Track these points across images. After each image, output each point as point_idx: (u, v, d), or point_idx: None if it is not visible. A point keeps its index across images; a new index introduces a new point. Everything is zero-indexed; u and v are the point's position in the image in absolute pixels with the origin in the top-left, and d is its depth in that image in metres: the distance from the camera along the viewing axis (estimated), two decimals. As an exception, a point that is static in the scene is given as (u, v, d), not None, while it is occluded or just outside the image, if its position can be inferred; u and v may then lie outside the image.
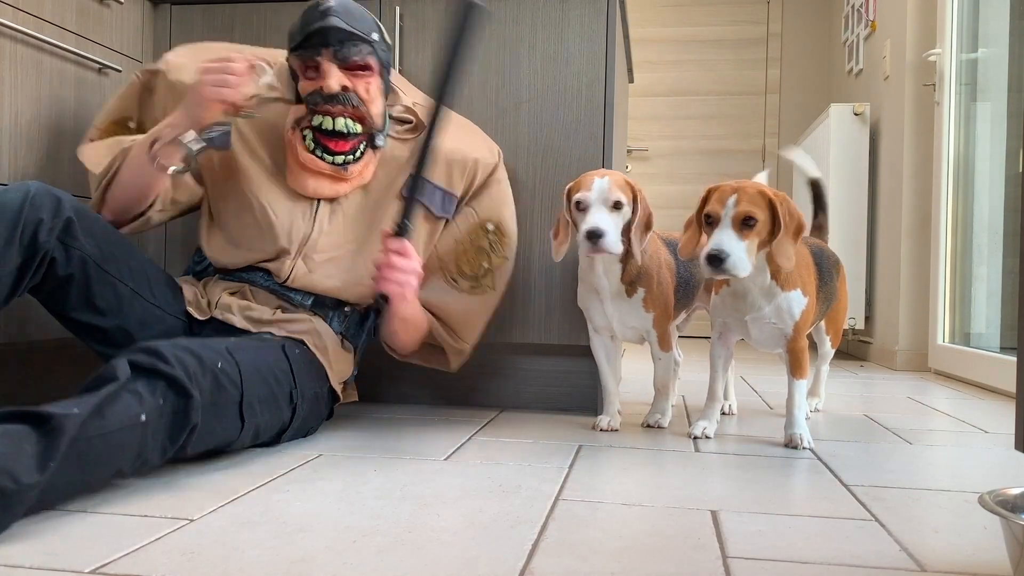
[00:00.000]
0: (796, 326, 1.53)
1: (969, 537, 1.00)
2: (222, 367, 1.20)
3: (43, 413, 0.94)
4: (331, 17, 1.45)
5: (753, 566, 0.87)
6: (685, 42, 4.81)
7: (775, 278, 1.50)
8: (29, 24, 1.56)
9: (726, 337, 1.63)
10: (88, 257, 1.29)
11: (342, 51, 1.46)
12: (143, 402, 1.05)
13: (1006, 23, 2.76)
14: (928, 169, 3.15)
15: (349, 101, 1.47)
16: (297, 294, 1.52)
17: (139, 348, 1.12)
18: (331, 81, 1.45)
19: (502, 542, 0.93)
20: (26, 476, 0.89)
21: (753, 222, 1.40)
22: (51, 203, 1.23)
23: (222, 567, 0.83)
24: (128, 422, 1.02)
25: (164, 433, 1.09)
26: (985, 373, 2.56)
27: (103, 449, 0.99)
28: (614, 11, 1.79)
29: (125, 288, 1.35)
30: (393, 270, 1.38)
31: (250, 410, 1.25)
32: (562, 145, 1.80)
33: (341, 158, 1.48)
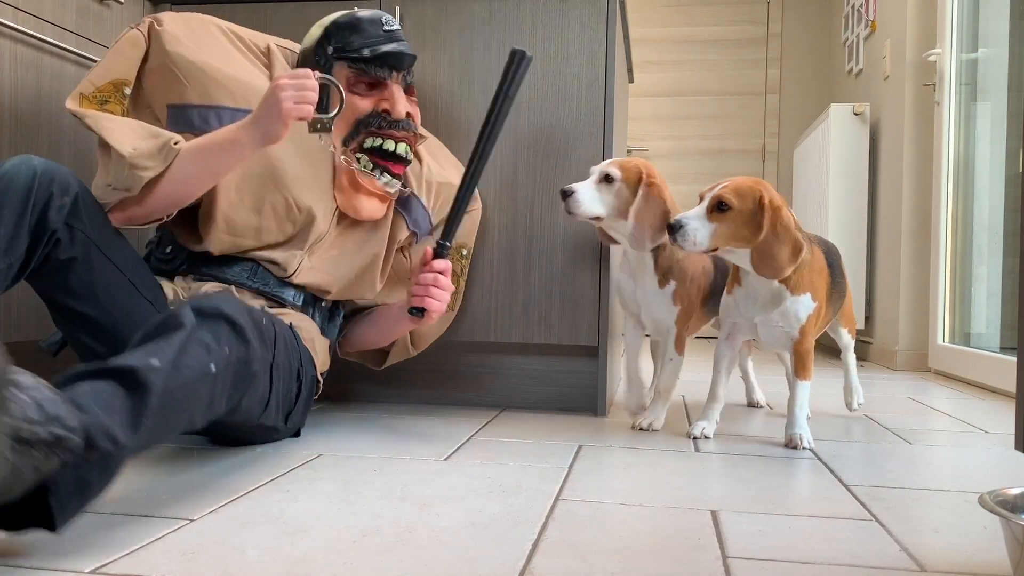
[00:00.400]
0: (802, 329, 1.54)
1: (969, 537, 1.00)
2: (265, 324, 1.19)
3: (126, 368, 0.91)
4: (404, 43, 1.50)
5: (753, 566, 0.87)
6: (685, 42, 4.81)
7: (784, 282, 1.51)
8: (29, 24, 1.56)
9: (733, 338, 1.63)
10: (92, 241, 1.24)
11: (409, 76, 1.51)
12: (211, 352, 1.03)
13: (1006, 23, 2.76)
14: (928, 169, 3.15)
15: (412, 128, 1.51)
16: (290, 292, 1.51)
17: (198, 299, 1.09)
18: (400, 107, 1.48)
19: (502, 542, 0.93)
20: (123, 436, 0.87)
21: (725, 207, 1.43)
22: (60, 180, 1.19)
23: (222, 567, 0.83)
24: (201, 372, 1.00)
25: (230, 382, 1.07)
26: (985, 373, 2.56)
27: (182, 401, 0.97)
28: (614, 11, 1.79)
29: (123, 279, 1.30)
30: (439, 289, 1.44)
31: (277, 372, 1.24)
32: (562, 145, 1.80)
33: (396, 181, 1.51)
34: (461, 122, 1.83)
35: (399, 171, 1.51)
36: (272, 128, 1.28)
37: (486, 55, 1.82)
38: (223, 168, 1.33)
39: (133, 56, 1.45)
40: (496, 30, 1.82)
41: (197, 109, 1.44)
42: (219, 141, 1.31)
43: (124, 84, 1.47)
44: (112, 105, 1.44)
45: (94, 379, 0.90)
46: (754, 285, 1.53)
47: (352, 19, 1.48)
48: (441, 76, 1.84)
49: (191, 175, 1.32)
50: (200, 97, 1.44)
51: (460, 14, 1.83)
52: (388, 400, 1.93)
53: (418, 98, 1.73)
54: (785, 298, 1.52)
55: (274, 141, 1.30)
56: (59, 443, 0.78)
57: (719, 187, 1.45)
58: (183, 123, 1.44)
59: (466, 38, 1.83)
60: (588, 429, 1.66)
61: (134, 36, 1.44)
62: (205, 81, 1.43)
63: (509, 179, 1.81)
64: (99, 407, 0.86)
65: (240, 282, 1.47)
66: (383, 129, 1.48)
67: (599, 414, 1.82)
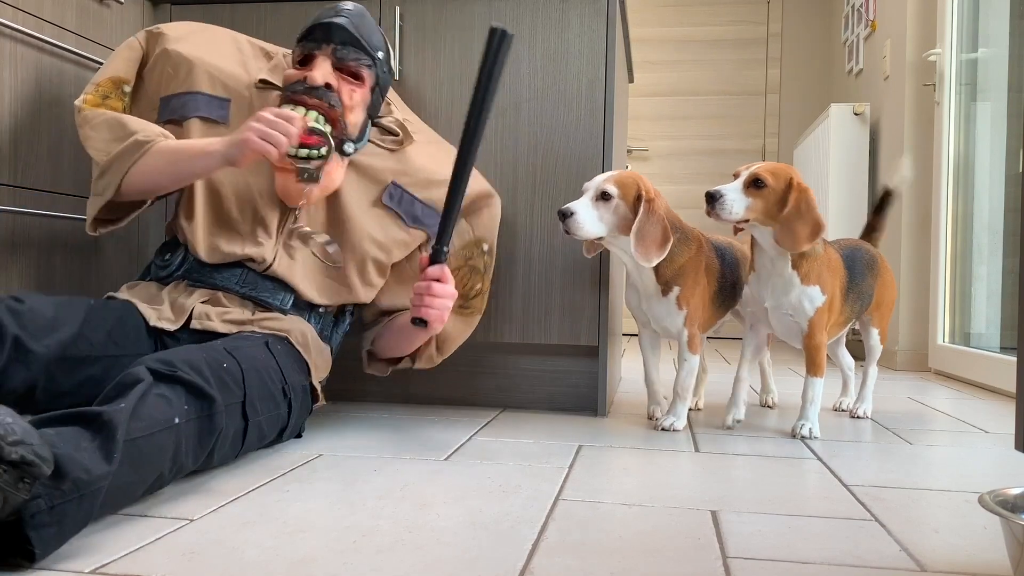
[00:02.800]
0: (811, 323, 1.62)
1: (969, 537, 1.00)
2: (227, 367, 1.19)
3: (90, 412, 0.91)
4: (342, 17, 1.46)
5: (753, 566, 0.87)
6: (685, 42, 4.81)
7: (796, 269, 1.60)
8: (29, 24, 1.56)
9: (757, 328, 1.74)
10: (51, 358, 1.21)
11: (340, 51, 1.46)
12: (172, 405, 1.03)
13: (1006, 23, 2.76)
14: (928, 169, 3.15)
15: (327, 98, 1.45)
16: (277, 294, 1.48)
17: (152, 358, 1.09)
18: (316, 73, 1.44)
19: (502, 542, 0.93)
20: (96, 468, 0.87)
21: (761, 184, 1.55)
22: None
23: (222, 567, 0.83)
24: (163, 424, 1.00)
25: (195, 438, 1.07)
26: (985, 373, 2.56)
27: (147, 451, 0.96)
28: (614, 11, 1.79)
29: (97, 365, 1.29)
30: (433, 297, 1.39)
31: (252, 408, 1.23)
32: (562, 145, 1.80)
33: (305, 152, 1.41)
34: (461, 122, 1.82)
35: (308, 141, 1.40)
36: (232, 152, 1.33)
37: (486, 55, 1.82)
38: (189, 173, 1.38)
39: (129, 57, 1.55)
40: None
41: (178, 96, 1.51)
42: (193, 148, 1.38)
43: (123, 82, 1.55)
44: (113, 101, 1.52)
45: (58, 424, 0.90)
46: (767, 269, 1.62)
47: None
48: (441, 76, 1.84)
49: (159, 171, 1.39)
50: (182, 85, 1.52)
51: (460, 14, 1.83)
52: (388, 400, 1.93)
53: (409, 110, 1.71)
54: (795, 286, 1.61)
55: (234, 164, 1.34)
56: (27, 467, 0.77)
57: (755, 166, 1.57)
58: (167, 111, 1.52)
59: (466, 38, 1.83)
60: (588, 429, 1.66)
61: (130, 41, 1.56)
62: (190, 70, 1.52)
63: (509, 179, 1.81)
64: (68, 444, 0.86)
65: (229, 287, 1.47)
66: (296, 94, 1.44)
67: (599, 414, 1.82)
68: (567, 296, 1.80)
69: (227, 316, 1.43)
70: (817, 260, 1.61)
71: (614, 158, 1.81)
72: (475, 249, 1.64)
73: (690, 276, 1.66)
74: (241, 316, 1.43)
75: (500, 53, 1.30)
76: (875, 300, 1.85)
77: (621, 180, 1.60)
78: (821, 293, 1.61)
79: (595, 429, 1.66)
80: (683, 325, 1.68)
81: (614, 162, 1.81)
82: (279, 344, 1.40)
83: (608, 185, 1.59)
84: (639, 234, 1.58)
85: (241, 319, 1.43)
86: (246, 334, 1.39)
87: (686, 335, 1.68)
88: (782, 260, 1.60)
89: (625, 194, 1.59)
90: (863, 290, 1.76)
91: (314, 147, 1.42)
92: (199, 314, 1.41)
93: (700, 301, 1.69)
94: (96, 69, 1.75)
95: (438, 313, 1.40)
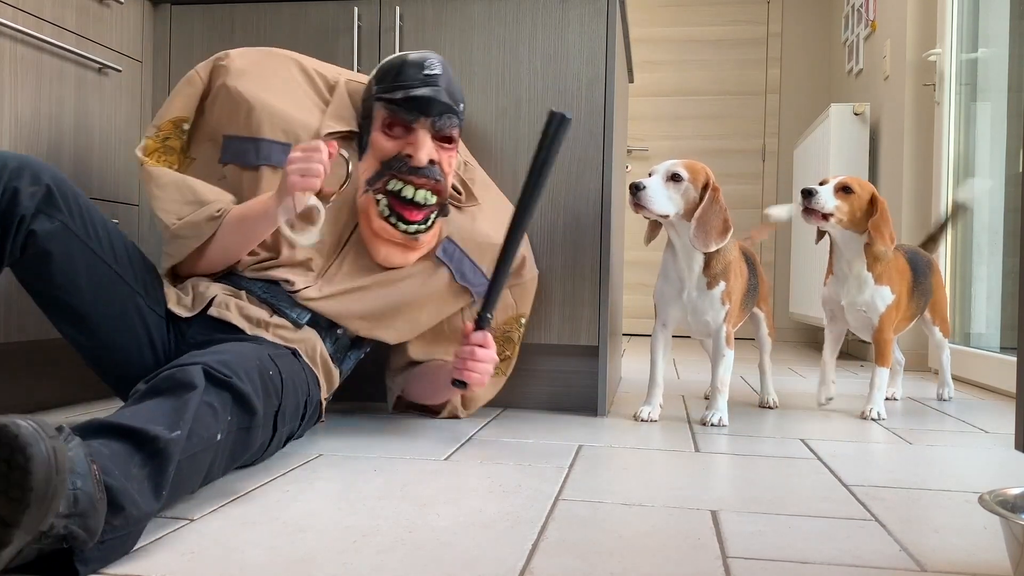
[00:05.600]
0: (881, 318, 1.89)
1: (969, 537, 1.00)
2: (272, 375, 1.17)
3: (145, 433, 0.88)
4: (439, 88, 1.47)
5: (753, 566, 0.87)
6: (685, 42, 4.81)
7: (870, 270, 1.87)
8: (29, 24, 1.56)
9: (835, 322, 2.00)
10: (72, 230, 1.23)
11: (439, 123, 1.48)
12: (218, 418, 1.00)
13: (1006, 23, 2.76)
14: (928, 169, 3.15)
15: (433, 175, 1.48)
16: (295, 308, 1.47)
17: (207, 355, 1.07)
18: (422, 154, 1.46)
19: (502, 542, 0.93)
20: (146, 504, 0.85)
21: (850, 191, 1.84)
22: (31, 170, 1.19)
23: (222, 567, 0.83)
24: (207, 443, 0.98)
25: (228, 452, 1.05)
26: (985, 373, 2.56)
27: (189, 471, 0.95)
28: (614, 11, 1.79)
29: (108, 270, 1.29)
30: (476, 362, 1.43)
31: (282, 419, 1.22)
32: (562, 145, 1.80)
33: (414, 227, 1.48)
34: (461, 122, 1.82)
35: (415, 217, 1.48)
36: (287, 203, 1.34)
37: (486, 55, 1.83)
38: (258, 235, 1.42)
39: (189, 94, 1.53)
40: (496, 30, 1.82)
41: (243, 140, 1.50)
42: (254, 211, 1.40)
43: (183, 121, 1.55)
44: (172, 141, 1.53)
45: (109, 436, 0.87)
46: (845, 271, 1.90)
47: (397, 61, 1.50)
48: (441, 76, 1.84)
49: (231, 243, 1.42)
50: (247, 129, 1.50)
51: (460, 14, 1.83)
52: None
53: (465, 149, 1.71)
54: (869, 285, 1.88)
55: (291, 213, 1.35)
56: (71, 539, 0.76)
57: (843, 176, 1.89)
58: (231, 152, 1.51)
59: (466, 38, 1.83)
60: (588, 429, 1.66)
61: (190, 76, 1.54)
62: (254, 114, 1.50)
63: (509, 179, 1.81)
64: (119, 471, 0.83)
65: (252, 290, 1.46)
66: (403, 173, 1.46)
67: (599, 414, 1.82)
68: (567, 296, 1.80)
69: (245, 311, 1.42)
70: (888, 264, 1.88)
71: (614, 158, 1.81)
72: (515, 323, 1.70)
73: (733, 273, 1.74)
74: (258, 315, 1.42)
75: (558, 136, 1.36)
76: (933, 299, 2.09)
77: (691, 165, 1.68)
78: (891, 292, 1.88)
79: (595, 429, 1.66)
80: (723, 321, 1.74)
81: (614, 162, 1.81)
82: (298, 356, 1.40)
83: (679, 168, 1.66)
84: (701, 219, 1.65)
85: (258, 318, 1.42)
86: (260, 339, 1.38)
87: (724, 331, 1.75)
88: (859, 263, 1.87)
89: (695, 179, 1.67)
90: (925, 289, 2.01)
91: (422, 221, 1.49)
92: (220, 302, 1.40)
93: (738, 298, 1.78)
94: (97, 69, 1.75)
95: (479, 377, 1.45)
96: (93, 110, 1.75)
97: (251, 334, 1.41)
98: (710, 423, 1.73)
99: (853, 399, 2.22)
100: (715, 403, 1.76)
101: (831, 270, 1.95)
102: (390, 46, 1.85)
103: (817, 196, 1.82)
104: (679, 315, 1.78)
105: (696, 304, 1.74)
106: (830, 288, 1.95)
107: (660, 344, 1.81)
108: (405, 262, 1.52)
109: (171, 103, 1.53)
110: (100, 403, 1.84)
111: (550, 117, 1.35)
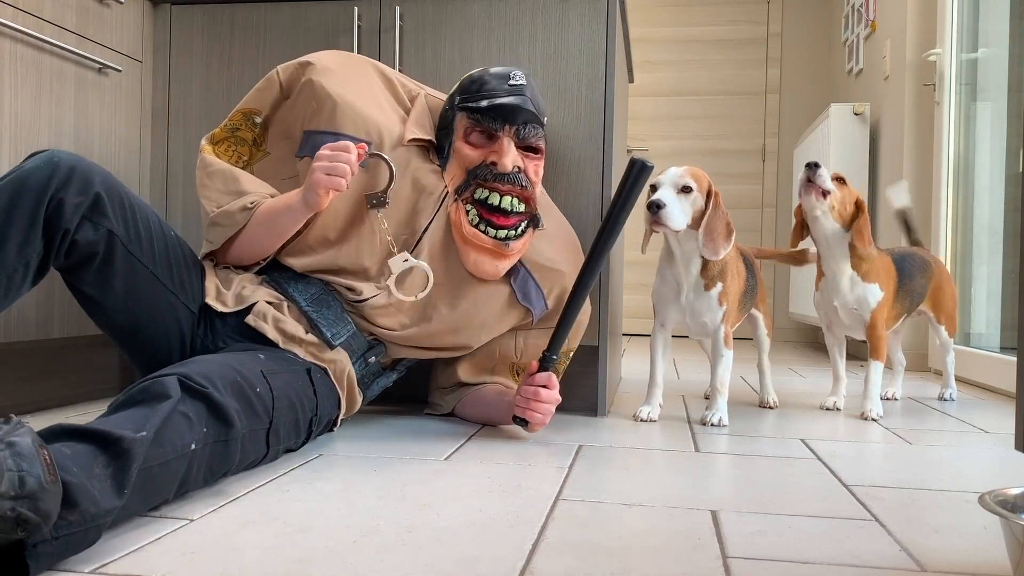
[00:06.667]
0: (873, 313, 1.92)
1: (969, 537, 1.00)
2: (259, 392, 1.17)
3: (110, 435, 0.89)
4: (524, 97, 1.47)
5: (753, 566, 0.87)
6: (685, 42, 4.81)
7: (856, 269, 1.91)
8: (29, 24, 1.56)
9: (832, 328, 2.03)
10: (116, 235, 1.27)
11: (524, 131, 1.48)
12: (192, 428, 1.00)
13: (1006, 23, 2.76)
14: (928, 169, 3.15)
15: (518, 182, 1.48)
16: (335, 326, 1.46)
17: (187, 366, 1.07)
18: (507, 160, 1.46)
19: (502, 542, 0.93)
20: (106, 501, 0.85)
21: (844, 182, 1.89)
22: (79, 177, 1.20)
23: (222, 567, 0.83)
24: (180, 451, 0.98)
25: (206, 465, 1.05)
26: (985, 373, 2.56)
27: (159, 478, 0.95)
28: (614, 11, 1.79)
29: (144, 270, 1.32)
30: (540, 403, 1.45)
31: (275, 437, 1.22)
32: (562, 145, 1.80)
33: (504, 232, 1.47)
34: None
35: (505, 224, 1.47)
36: (311, 197, 1.36)
37: (486, 55, 1.83)
38: (285, 230, 1.42)
39: (264, 88, 1.55)
40: (496, 30, 1.82)
41: (323, 135, 1.50)
42: (282, 205, 1.41)
43: (254, 113, 1.56)
44: (243, 132, 1.55)
45: (74, 439, 0.88)
46: (833, 272, 1.92)
47: (482, 73, 1.52)
48: (441, 76, 1.84)
49: (261, 235, 1.44)
50: (329, 124, 1.50)
51: (460, 14, 1.83)
52: (388, 400, 1.93)
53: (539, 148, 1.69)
54: (857, 284, 1.92)
55: (315, 209, 1.37)
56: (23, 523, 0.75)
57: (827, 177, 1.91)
58: (310, 146, 1.51)
59: (466, 38, 1.83)
60: (588, 429, 1.66)
61: (270, 75, 1.56)
62: (335, 109, 1.50)
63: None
64: (81, 469, 0.84)
65: (295, 299, 1.46)
66: (489, 181, 1.47)
67: (599, 414, 1.82)
68: (567, 296, 1.79)
69: (281, 325, 1.42)
70: (874, 263, 1.91)
71: (614, 158, 1.81)
72: (565, 357, 1.70)
73: (729, 274, 1.75)
74: (293, 331, 1.42)
75: (638, 183, 1.37)
76: (931, 299, 2.12)
77: (696, 174, 1.68)
78: (879, 289, 1.91)
79: (595, 429, 1.66)
80: (720, 321, 1.75)
81: (614, 162, 1.81)
82: (319, 373, 1.39)
83: (688, 179, 1.65)
84: (708, 227, 1.66)
85: (294, 334, 1.42)
86: (290, 356, 1.37)
87: (723, 331, 1.76)
88: (845, 262, 1.90)
89: (701, 187, 1.68)
90: (914, 289, 2.03)
91: (512, 227, 1.49)
92: (259, 311, 1.41)
93: (736, 299, 1.78)
94: (97, 69, 1.75)
95: (542, 417, 1.47)
96: (93, 110, 1.75)
97: (284, 348, 1.40)
98: (710, 423, 1.73)
99: (852, 399, 2.22)
100: (715, 403, 1.77)
101: (821, 273, 1.97)
102: (390, 46, 1.85)
103: (822, 170, 1.84)
104: (677, 316, 1.79)
105: (694, 306, 1.75)
106: (822, 292, 1.98)
107: (659, 344, 1.82)
108: (495, 270, 1.51)
109: (247, 98, 1.55)
110: (100, 403, 1.84)
111: (631, 164, 1.37)
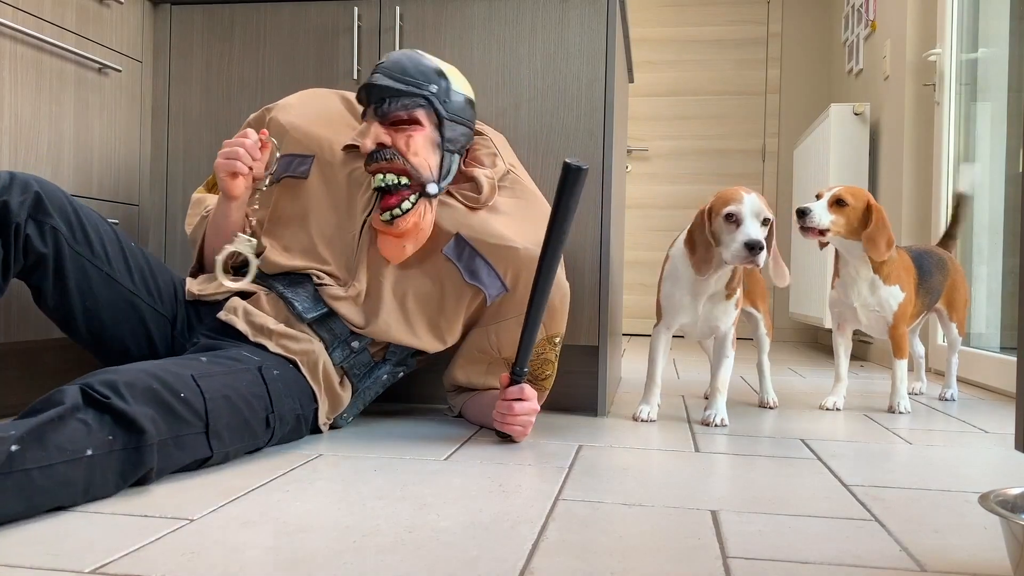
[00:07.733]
0: (895, 315, 1.95)
1: (969, 537, 1.00)
2: (185, 397, 1.15)
3: None
4: (376, 75, 1.48)
5: (753, 566, 0.87)
6: (685, 42, 4.81)
7: (877, 272, 1.93)
8: (29, 24, 1.56)
9: (843, 328, 2.05)
10: (60, 232, 1.31)
11: (382, 108, 1.48)
12: (91, 434, 0.99)
13: (1006, 23, 2.76)
14: (928, 169, 3.15)
15: (383, 156, 1.47)
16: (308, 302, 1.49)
17: (97, 375, 1.07)
18: (367, 141, 1.48)
19: (502, 542, 0.93)
20: None
21: (844, 204, 1.89)
22: (19, 183, 1.27)
23: (222, 567, 0.83)
24: (70, 455, 0.96)
25: (115, 471, 1.04)
26: (985, 373, 2.56)
27: (44, 483, 0.94)
28: (614, 11, 1.79)
29: (97, 272, 1.36)
30: (515, 415, 1.45)
31: (218, 439, 1.20)
32: (562, 145, 1.80)
33: (388, 214, 1.47)
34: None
35: (388, 203, 1.47)
36: (221, 185, 1.50)
37: (486, 55, 1.83)
38: (224, 224, 1.55)
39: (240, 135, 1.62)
40: (496, 30, 1.82)
41: (284, 158, 1.62)
42: (217, 206, 1.56)
43: None
44: None
45: None
46: (852, 276, 1.95)
47: None
48: (441, 76, 1.84)
49: (213, 237, 1.58)
50: (284, 150, 1.63)
51: (460, 14, 1.83)
52: (388, 400, 1.93)
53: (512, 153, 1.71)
54: (879, 287, 1.94)
55: (229, 194, 1.50)
56: None
57: (838, 188, 1.91)
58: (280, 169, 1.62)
59: (466, 38, 1.83)
60: (588, 429, 1.66)
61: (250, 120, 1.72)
62: (285, 136, 1.64)
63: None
64: None
65: (273, 286, 1.52)
66: (367, 166, 1.49)
67: (599, 414, 1.82)
68: (567, 296, 1.79)
69: (251, 317, 1.46)
70: (894, 263, 1.94)
71: (614, 158, 1.81)
72: (548, 345, 1.63)
73: (741, 280, 1.80)
74: (263, 322, 1.45)
75: (576, 187, 1.35)
76: (946, 297, 2.16)
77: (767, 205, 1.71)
78: (901, 291, 1.95)
79: (595, 429, 1.66)
80: (731, 325, 1.79)
81: (614, 162, 1.81)
82: (275, 370, 1.37)
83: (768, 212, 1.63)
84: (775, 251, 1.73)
85: (262, 324, 1.45)
86: (244, 355, 1.35)
87: (732, 335, 1.80)
88: (865, 267, 1.93)
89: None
90: (932, 286, 2.07)
91: (395, 206, 1.47)
92: (230, 307, 1.47)
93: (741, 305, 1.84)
94: (97, 69, 1.75)
95: (520, 430, 1.48)
96: (93, 110, 1.75)
97: (253, 340, 1.44)
98: (713, 423, 1.73)
99: (852, 398, 2.22)
100: (715, 403, 1.77)
101: (837, 274, 1.99)
102: (390, 46, 1.85)
103: (811, 215, 1.86)
104: (688, 321, 1.78)
105: (710, 312, 1.76)
106: (838, 291, 1.99)
107: (661, 344, 1.82)
108: (400, 252, 1.51)
109: None
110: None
111: (565, 169, 1.33)
